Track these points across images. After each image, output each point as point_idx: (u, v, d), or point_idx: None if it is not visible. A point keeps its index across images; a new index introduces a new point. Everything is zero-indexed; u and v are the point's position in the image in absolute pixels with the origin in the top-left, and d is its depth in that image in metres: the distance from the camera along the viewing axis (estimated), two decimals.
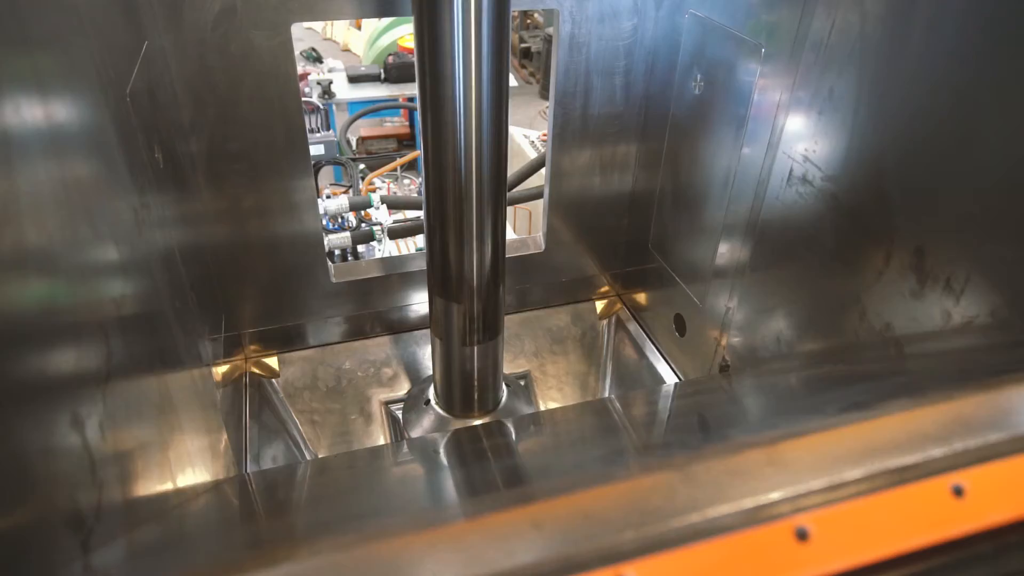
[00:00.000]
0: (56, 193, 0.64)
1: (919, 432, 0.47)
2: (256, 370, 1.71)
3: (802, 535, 0.40)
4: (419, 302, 1.82)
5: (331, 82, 5.63)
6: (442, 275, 1.37)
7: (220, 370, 1.28)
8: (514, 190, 2.49)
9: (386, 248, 3.18)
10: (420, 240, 3.79)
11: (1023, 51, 0.75)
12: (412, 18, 1.17)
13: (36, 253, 0.58)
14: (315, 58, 6.91)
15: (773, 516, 0.41)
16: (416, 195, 4.03)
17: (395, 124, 6.49)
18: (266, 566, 0.47)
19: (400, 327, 1.84)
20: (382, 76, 5.92)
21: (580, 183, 1.75)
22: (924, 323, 0.92)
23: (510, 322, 1.89)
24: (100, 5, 0.94)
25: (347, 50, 8.77)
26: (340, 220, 3.30)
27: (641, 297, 1.86)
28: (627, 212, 1.84)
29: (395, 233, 2.94)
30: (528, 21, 9.00)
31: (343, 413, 1.74)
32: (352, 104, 5.70)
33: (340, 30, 9.05)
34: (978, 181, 0.83)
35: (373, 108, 5.54)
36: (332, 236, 2.75)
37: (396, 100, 5.83)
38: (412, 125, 6.34)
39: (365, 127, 6.34)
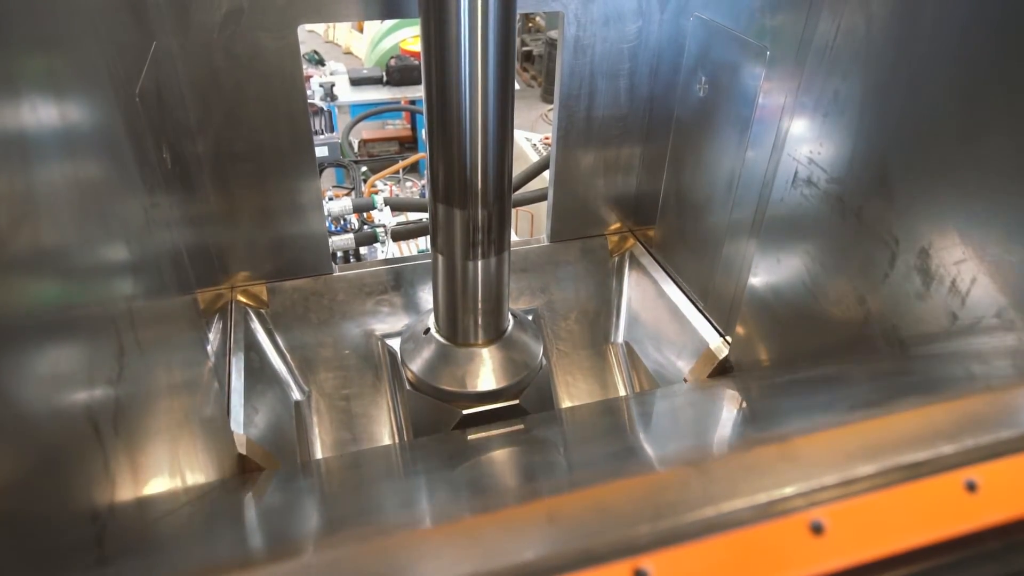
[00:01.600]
0: (70, 192, 0.64)
1: (930, 429, 0.47)
2: (243, 299, 1.60)
3: (817, 528, 0.41)
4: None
5: (333, 85, 5.65)
6: (444, 177, 1.27)
7: (203, 298, 1.19)
8: (517, 193, 2.50)
9: (389, 250, 3.19)
10: (423, 242, 3.79)
11: None
12: (415, 21, 1.18)
13: (52, 250, 0.58)
14: (317, 61, 6.93)
15: (788, 510, 0.42)
16: (419, 197, 4.03)
17: (397, 127, 6.50)
18: (285, 559, 0.47)
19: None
20: (384, 79, 5.93)
21: (584, 185, 1.76)
22: (930, 325, 0.92)
23: (514, 256, 1.72)
24: (111, 7, 0.94)
25: (349, 53, 8.78)
26: (343, 222, 3.31)
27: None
28: (631, 214, 1.84)
29: (398, 235, 2.94)
30: (530, 24, 9.02)
31: (336, 348, 1.66)
32: (354, 107, 5.71)
33: (342, 33, 9.06)
34: (983, 183, 0.83)
35: (375, 111, 5.55)
36: (335, 238, 2.75)
37: (398, 103, 5.84)
38: (414, 128, 6.35)
39: (367, 130, 6.36)
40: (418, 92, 5.78)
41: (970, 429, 0.47)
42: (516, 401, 1.49)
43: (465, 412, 1.46)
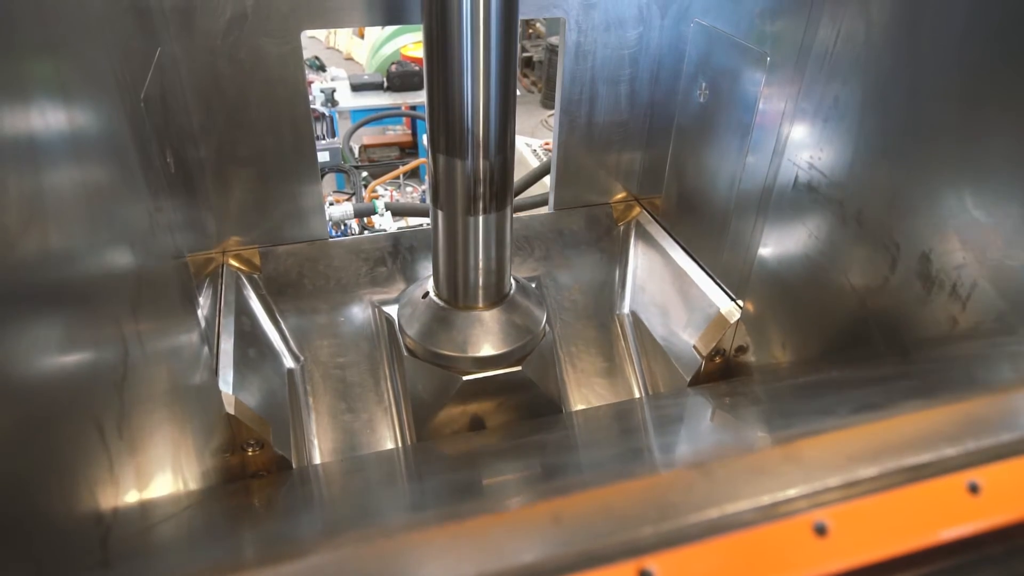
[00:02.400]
0: (77, 194, 0.65)
1: (932, 431, 0.47)
2: (235, 263, 1.54)
3: (820, 530, 0.41)
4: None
5: (334, 90, 5.67)
6: (445, 124, 1.20)
7: (193, 261, 1.13)
8: (517, 198, 2.50)
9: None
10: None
11: None
12: (416, 27, 1.18)
13: (59, 253, 0.58)
14: (318, 67, 6.95)
15: (791, 512, 0.42)
16: (420, 202, 4.04)
17: (397, 132, 6.52)
18: (289, 560, 0.47)
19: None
20: (385, 85, 5.95)
21: (585, 190, 1.76)
22: (931, 329, 0.92)
23: (516, 224, 1.66)
24: (117, 13, 0.95)
25: (350, 59, 8.81)
26: (343, 227, 3.31)
27: None
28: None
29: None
30: (530, 31, 9.05)
31: (331, 315, 1.61)
32: (355, 112, 5.73)
33: (343, 39, 9.09)
34: (983, 188, 0.83)
35: (376, 116, 5.57)
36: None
37: (399, 108, 5.86)
38: (415, 134, 6.37)
39: (367, 135, 6.37)
40: (419, 98, 5.81)
41: (972, 432, 0.47)
42: (519, 368, 1.43)
43: (466, 378, 1.39)
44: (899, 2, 0.92)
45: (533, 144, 4.94)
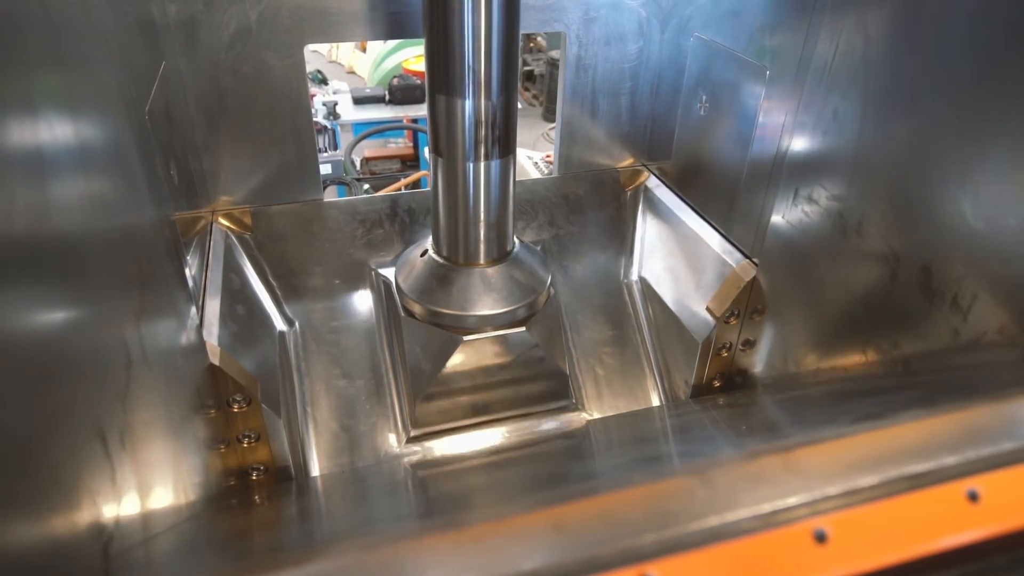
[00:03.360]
0: (83, 207, 0.66)
1: (932, 440, 0.48)
2: (225, 222, 1.48)
3: (821, 537, 0.41)
4: None
5: (336, 103, 5.70)
6: (445, 59, 1.13)
7: (180, 220, 1.10)
8: None
9: None
10: None
11: None
12: (417, 41, 1.18)
13: (66, 262, 0.59)
14: (321, 80, 6.99)
15: (791, 519, 0.42)
16: None
17: (399, 145, 6.55)
18: (291, 568, 0.47)
19: None
20: (386, 98, 5.99)
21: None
22: (932, 341, 0.92)
23: (519, 188, 1.57)
24: (123, 28, 0.96)
25: (352, 72, 8.87)
26: None
27: None
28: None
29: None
30: (531, 44, 9.12)
31: (326, 277, 1.55)
32: (356, 125, 5.76)
33: (345, 53, 9.16)
34: (983, 199, 0.84)
35: (378, 129, 5.60)
36: None
37: (400, 121, 5.89)
38: (416, 146, 6.40)
39: (369, 148, 6.40)
40: (420, 111, 5.84)
41: (972, 441, 0.47)
42: (522, 329, 1.36)
43: (466, 339, 1.33)
44: (897, 16, 0.93)
45: (535, 157, 4.95)
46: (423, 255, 1.40)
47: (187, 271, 1.03)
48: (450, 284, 1.35)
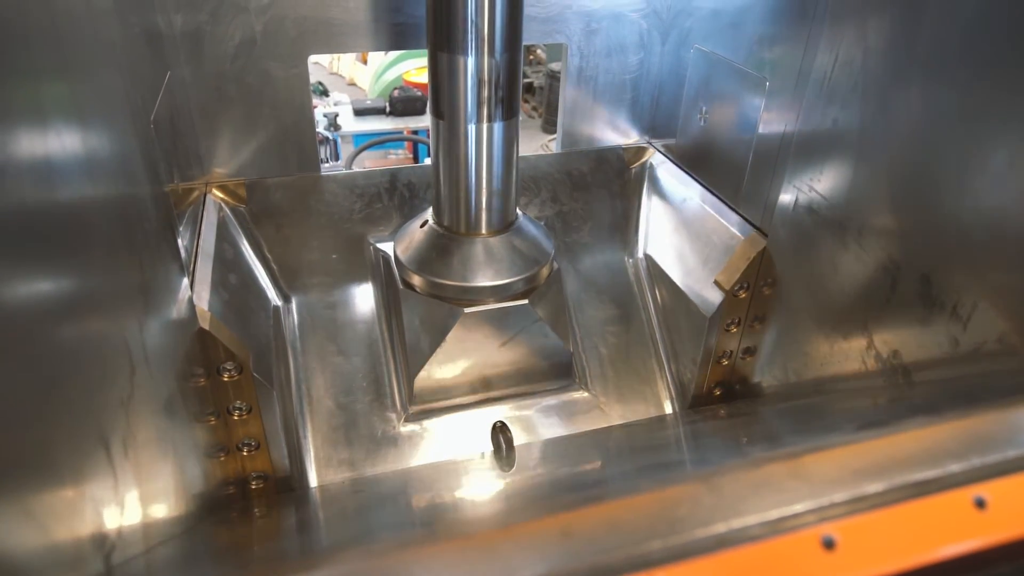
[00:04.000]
0: (90, 214, 0.66)
1: (937, 448, 0.48)
2: (219, 194, 1.44)
3: (829, 544, 0.41)
4: None
5: (337, 115, 5.73)
6: (447, 14, 1.10)
7: (173, 192, 1.06)
8: None
9: None
10: None
11: (1022, 81, 0.78)
12: (418, 53, 1.17)
13: (73, 269, 0.59)
14: (322, 91, 7.02)
15: (799, 526, 0.42)
16: None
17: (399, 156, 6.57)
18: (294, 573, 0.47)
19: None
20: (387, 110, 6.02)
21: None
22: (932, 350, 0.93)
23: (521, 164, 1.53)
24: (129, 38, 0.97)
25: (353, 84, 8.91)
26: None
27: None
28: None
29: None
30: (531, 57, 9.18)
31: (322, 251, 1.51)
32: (357, 137, 5.78)
33: (346, 64, 9.21)
34: (982, 209, 0.84)
35: (378, 140, 5.62)
36: None
37: (401, 133, 5.92)
38: (416, 158, 6.43)
39: (370, 159, 6.43)
40: (420, 123, 5.86)
41: (977, 448, 0.48)
42: (525, 301, 1.32)
43: (467, 311, 1.29)
44: (895, 27, 0.94)
45: None
46: (423, 226, 1.36)
47: (179, 242, 1.00)
48: (451, 254, 1.30)
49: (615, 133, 1.67)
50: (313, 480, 1.31)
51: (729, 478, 0.46)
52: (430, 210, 1.39)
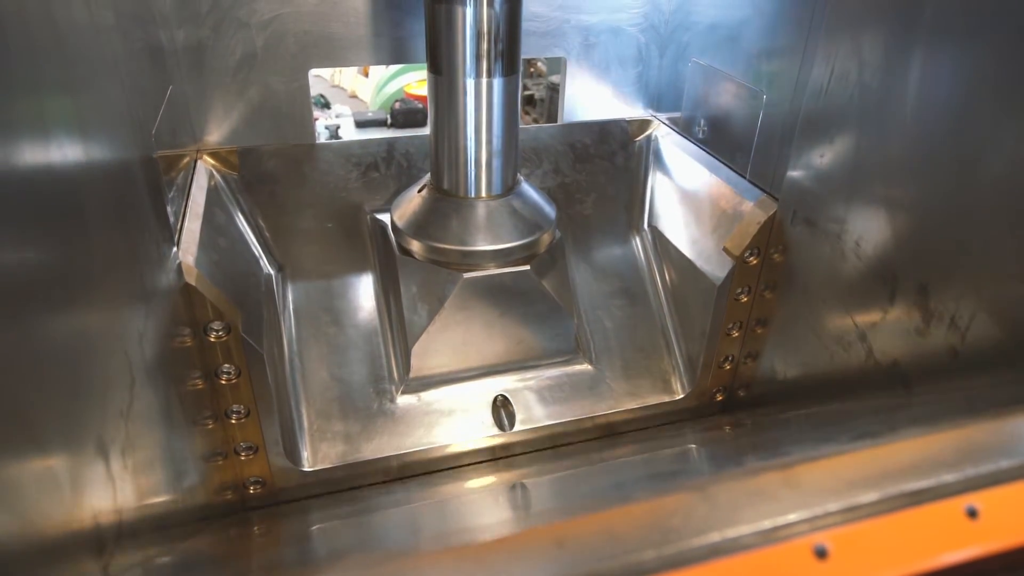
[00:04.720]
0: (93, 225, 0.67)
1: (930, 458, 0.48)
2: (211, 161, 1.38)
3: (821, 553, 0.41)
4: None
5: (339, 127, 5.76)
6: None
7: (163, 159, 1.03)
8: None
9: None
10: None
11: (1018, 91, 0.78)
12: (419, 66, 1.16)
13: (77, 279, 0.60)
14: (323, 104, 7.07)
15: (792, 535, 0.42)
16: None
17: None
18: None
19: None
20: (388, 122, 6.05)
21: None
22: (930, 360, 0.93)
23: (523, 135, 1.47)
24: (132, 53, 0.98)
25: (354, 96, 8.95)
26: None
27: None
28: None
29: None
30: (531, 69, 9.23)
31: (317, 219, 1.47)
32: None
33: (348, 77, 9.25)
34: (980, 220, 0.85)
35: None
36: None
37: None
38: None
39: None
40: (421, 134, 5.89)
41: (970, 458, 0.48)
42: (527, 267, 1.27)
43: (467, 276, 1.24)
44: (890, 41, 0.95)
45: None
46: (421, 191, 1.32)
47: (168, 208, 0.98)
48: (449, 218, 1.25)
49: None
50: (306, 454, 1.26)
51: (723, 487, 0.46)
52: (428, 176, 1.36)
